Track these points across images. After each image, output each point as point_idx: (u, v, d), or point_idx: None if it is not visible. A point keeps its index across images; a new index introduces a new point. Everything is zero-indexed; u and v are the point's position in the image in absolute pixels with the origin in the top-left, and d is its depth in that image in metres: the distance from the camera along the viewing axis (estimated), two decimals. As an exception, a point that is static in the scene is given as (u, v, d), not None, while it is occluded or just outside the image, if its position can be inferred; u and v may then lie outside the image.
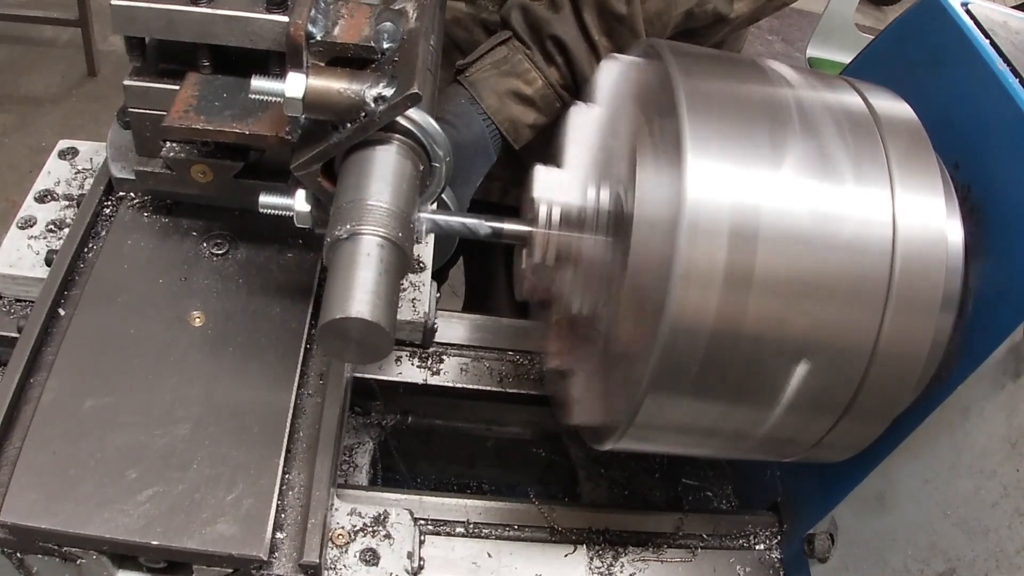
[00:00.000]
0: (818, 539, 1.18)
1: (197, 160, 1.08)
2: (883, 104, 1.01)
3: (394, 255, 0.87)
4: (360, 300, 0.82)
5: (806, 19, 5.05)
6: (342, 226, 0.87)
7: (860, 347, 0.92)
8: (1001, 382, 0.95)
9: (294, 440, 1.05)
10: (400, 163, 0.94)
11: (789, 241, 0.89)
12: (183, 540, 0.93)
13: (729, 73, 1.01)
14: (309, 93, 0.91)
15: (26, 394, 1.02)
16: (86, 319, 1.07)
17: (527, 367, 1.41)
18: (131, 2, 1.02)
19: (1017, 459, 0.92)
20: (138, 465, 0.96)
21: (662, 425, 1.00)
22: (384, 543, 1.08)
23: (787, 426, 0.99)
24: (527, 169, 1.10)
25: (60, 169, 1.31)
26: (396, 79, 0.93)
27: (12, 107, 4.12)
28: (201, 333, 1.08)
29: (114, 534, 0.92)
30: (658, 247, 0.89)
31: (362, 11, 1.00)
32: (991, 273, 0.99)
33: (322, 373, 1.11)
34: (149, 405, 1.01)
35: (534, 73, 1.40)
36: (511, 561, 1.19)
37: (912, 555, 1.04)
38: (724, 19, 1.47)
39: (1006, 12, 1.17)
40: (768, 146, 0.92)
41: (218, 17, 1.02)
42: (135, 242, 1.15)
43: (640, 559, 1.23)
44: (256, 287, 1.14)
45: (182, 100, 1.05)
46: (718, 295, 0.88)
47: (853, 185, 0.93)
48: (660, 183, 0.93)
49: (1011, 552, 0.91)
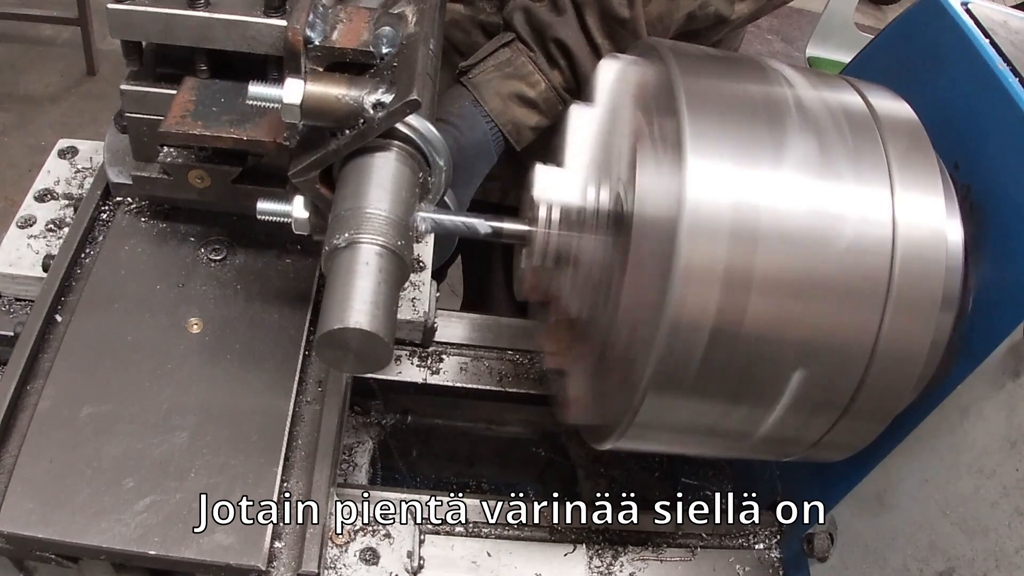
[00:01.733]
0: (817, 538, 1.18)
1: (194, 165, 1.07)
2: (883, 104, 1.01)
3: (393, 264, 0.87)
4: (358, 310, 0.82)
5: (806, 18, 5.06)
6: (340, 234, 0.86)
7: (860, 346, 0.92)
8: (1001, 381, 0.95)
9: (292, 448, 1.04)
10: (399, 170, 0.93)
11: (789, 241, 0.89)
12: (181, 550, 0.92)
13: (729, 73, 1.01)
14: (307, 99, 0.90)
15: (23, 401, 1.01)
16: (83, 325, 1.06)
17: (527, 366, 1.41)
18: (128, 6, 1.02)
19: (1017, 458, 0.92)
20: (135, 474, 0.96)
21: (662, 424, 1.00)
22: (384, 542, 1.08)
23: (787, 425, 1.00)
24: (527, 169, 1.10)
25: (60, 168, 1.31)
26: (395, 85, 0.92)
27: (11, 106, 4.11)
28: (199, 340, 1.08)
29: (111, 544, 0.91)
30: (658, 247, 0.90)
31: (361, 15, 0.99)
32: (991, 273, 1.00)
33: (321, 380, 1.10)
34: (146, 413, 1.00)
35: (537, 76, 1.40)
36: (511, 560, 1.19)
37: (911, 554, 1.04)
38: (725, 20, 1.47)
39: (1006, 12, 1.17)
40: (768, 146, 0.92)
41: (215, 21, 1.01)
42: (132, 247, 1.15)
43: (640, 558, 1.23)
44: (254, 293, 1.13)
45: (179, 105, 1.04)
46: (718, 294, 0.88)
47: (853, 185, 0.93)
48: (660, 183, 0.93)
49: (1010, 551, 0.92)
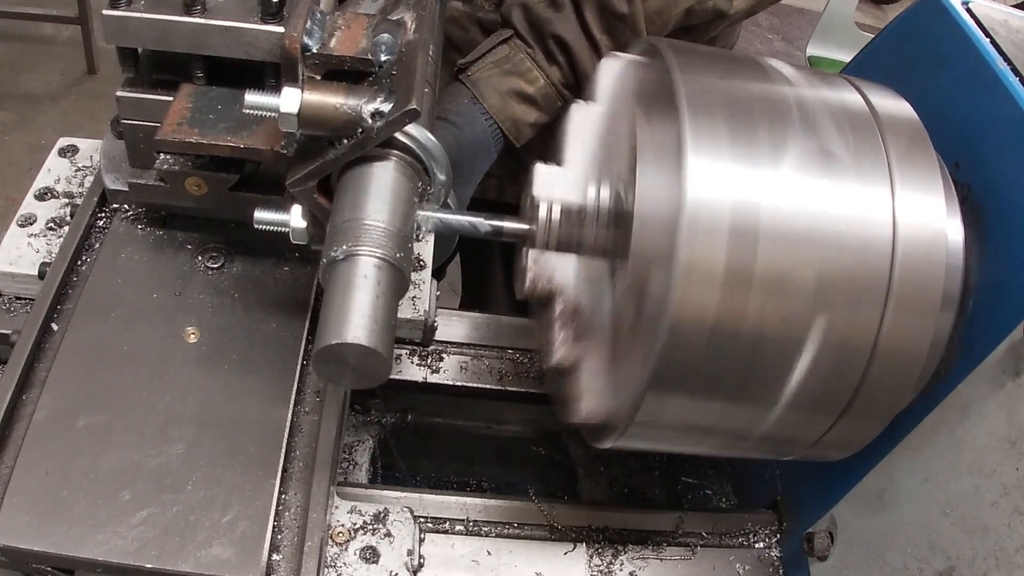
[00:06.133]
0: (818, 537, 1.19)
1: (191, 173, 1.06)
2: (883, 103, 1.01)
3: (392, 277, 0.86)
4: (357, 325, 0.81)
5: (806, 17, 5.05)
6: (338, 246, 0.86)
7: (860, 345, 0.93)
8: (1001, 381, 0.95)
9: (291, 459, 1.03)
10: (398, 180, 0.93)
11: (789, 239, 0.89)
12: (178, 563, 0.91)
13: (729, 71, 1.01)
14: (304, 108, 0.89)
15: (18, 411, 1.00)
16: (79, 334, 1.05)
17: (527, 365, 1.42)
18: (124, 12, 1.00)
19: (1017, 458, 0.92)
20: (132, 486, 0.95)
21: (662, 423, 1.00)
22: (384, 541, 1.08)
23: (787, 424, 1.00)
24: (525, 166, 1.10)
25: (60, 167, 1.30)
26: (394, 94, 0.91)
27: (12, 105, 4.10)
28: (196, 349, 1.07)
29: (107, 557, 0.90)
30: (659, 245, 0.90)
31: (359, 22, 0.99)
32: (991, 272, 1.00)
33: (319, 390, 1.09)
34: (143, 424, 1.00)
35: (536, 72, 1.40)
36: (511, 559, 1.20)
37: (912, 553, 1.04)
38: (724, 15, 1.47)
39: (1007, 11, 1.17)
40: (768, 144, 0.92)
41: (212, 28, 1.00)
42: (129, 255, 1.14)
43: (640, 557, 1.24)
44: (252, 302, 1.12)
45: (176, 112, 1.03)
46: (718, 293, 0.88)
47: (853, 184, 0.93)
48: (660, 181, 0.93)
49: (1010, 551, 0.92)
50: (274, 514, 0.98)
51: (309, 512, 0.99)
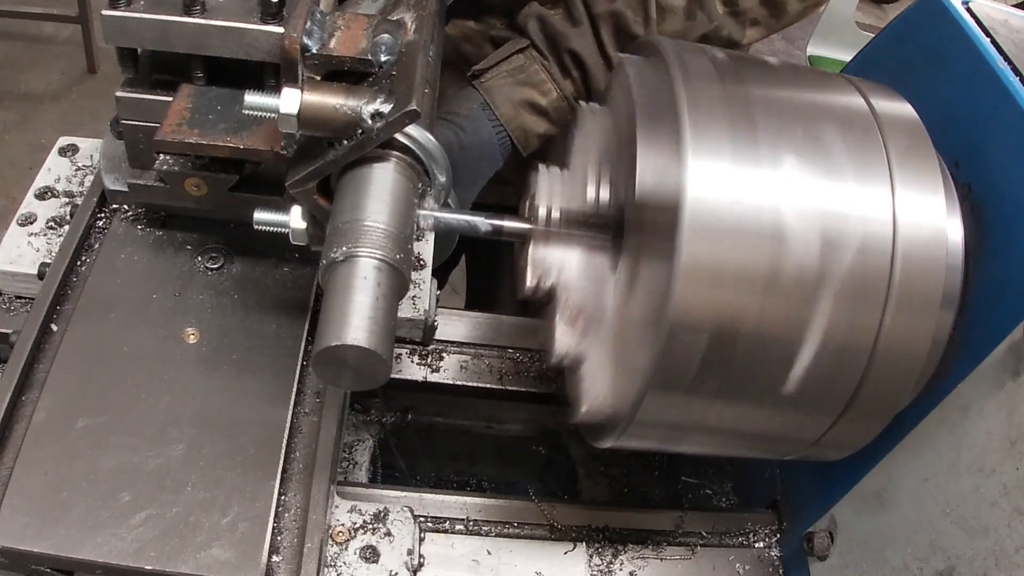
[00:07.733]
0: (818, 537, 1.18)
1: (191, 173, 1.06)
2: (883, 102, 1.01)
3: (392, 278, 0.86)
4: (356, 326, 0.81)
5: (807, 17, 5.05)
6: (338, 248, 0.86)
7: (860, 345, 0.93)
8: (1001, 380, 0.95)
9: (290, 461, 1.03)
10: (398, 182, 0.93)
11: (789, 240, 0.89)
12: (177, 565, 0.91)
13: (730, 72, 1.01)
14: (304, 109, 0.89)
15: (18, 413, 1.00)
16: (79, 335, 1.05)
17: (527, 365, 1.41)
18: (123, 12, 1.00)
19: (1017, 457, 0.92)
20: (131, 487, 0.95)
21: (662, 423, 1.00)
22: (384, 540, 1.08)
23: (787, 424, 1.00)
24: (524, 174, 1.09)
25: (60, 166, 1.30)
26: (394, 94, 0.91)
27: (12, 104, 4.10)
28: (195, 350, 1.07)
29: (107, 558, 0.90)
30: (659, 246, 0.90)
31: (359, 22, 0.98)
32: (991, 271, 0.99)
33: (319, 391, 1.09)
34: (142, 425, 1.00)
35: (550, 84, 1.40)
36: (511, 558, 1.20)
37: (911, 553, 1.04)
38: (736, 45, 1.48)
39: (1007, 11, 1.17)
40: (768, 144, 0.92)
41: (212, 28, 0.99)
42: (128, 256, 1.13)
43: (640, 557, 1.24)
44: (251, 303, 1.12)
45: (175, 113, 1.03)
46: (718, 293, 0.88)
47: (853, 183, 0.93)
48: (661, 182, 0.93)
49: (1010, 551, 0.92)
50: (274, 515, 0.98)
51: (309, 514, 0.99)
